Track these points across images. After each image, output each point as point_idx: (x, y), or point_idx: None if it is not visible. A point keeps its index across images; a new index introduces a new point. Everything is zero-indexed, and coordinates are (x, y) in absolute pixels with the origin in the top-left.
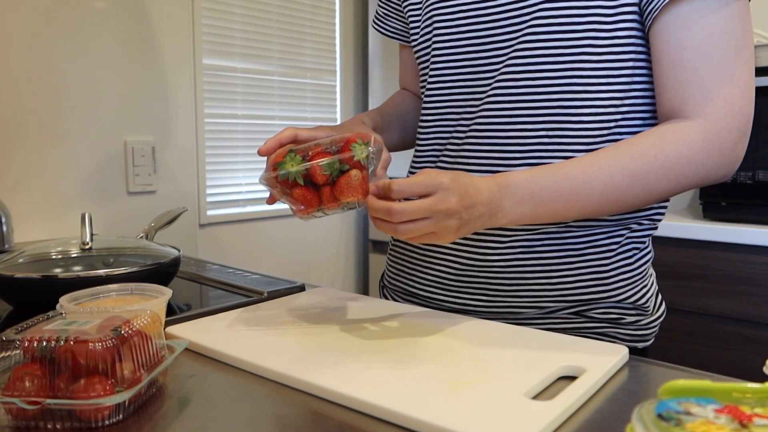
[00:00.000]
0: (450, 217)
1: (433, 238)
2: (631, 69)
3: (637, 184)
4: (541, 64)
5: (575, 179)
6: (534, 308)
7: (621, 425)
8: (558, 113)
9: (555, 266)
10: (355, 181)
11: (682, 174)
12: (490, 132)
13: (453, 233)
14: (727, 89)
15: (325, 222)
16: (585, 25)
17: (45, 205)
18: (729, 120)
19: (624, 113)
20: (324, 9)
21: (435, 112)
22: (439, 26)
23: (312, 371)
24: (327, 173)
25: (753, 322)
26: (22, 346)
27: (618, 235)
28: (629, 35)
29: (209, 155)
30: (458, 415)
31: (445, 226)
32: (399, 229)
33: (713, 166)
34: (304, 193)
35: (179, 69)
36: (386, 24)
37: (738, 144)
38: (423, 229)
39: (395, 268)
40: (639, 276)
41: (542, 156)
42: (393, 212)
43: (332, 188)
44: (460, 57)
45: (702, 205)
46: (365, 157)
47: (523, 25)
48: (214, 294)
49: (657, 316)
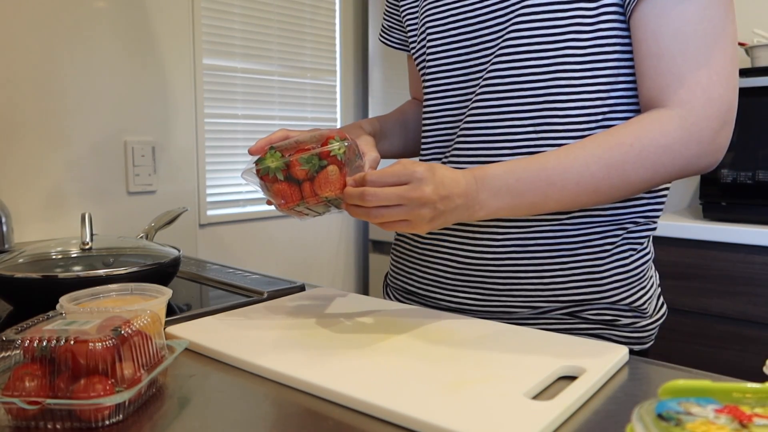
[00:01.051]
0: (424, 206)
1: (407, 227)
2: (615, 62)
3: (613, 174)
4: (526, 60)
5: (551, 170)
6: (527, 308)
7: (621, 425)
8: (545, 108)
9: (548, 266)
10: (333, 176)
11: (660, 163)
12: (479, 129)
13: (427, 223)
14: (704, 77)
15: (325, 222)
16: (568, 20)
17: (45, 205)
18: (708, 108)
19: (611, 105)
20: (324, 9)
21: (434, 114)
22: (432, 31)
23: (312, 371)
24: (306, 168)
25: (753, 322)
26: (22, 346)
27: (614, 235)
28: (612, 27)
29: (209, 155)
30: (458, 415)
31: (419, 214)
32: (372, 213)
33: (693, 156)
34: (284, 187)
35: (179, 69)
36: (391, 36)
37: (719, 133)
38: (396, 215)
39: (397, 267)
40: (636, 277)
41: (529, 150)
42: (365, 195)
43: (312, 183)
44: (451, 60)
45: (702, 205)
46: (342, 153)
47: (506, 24)
48: (214, 294)
49: (655, 319)
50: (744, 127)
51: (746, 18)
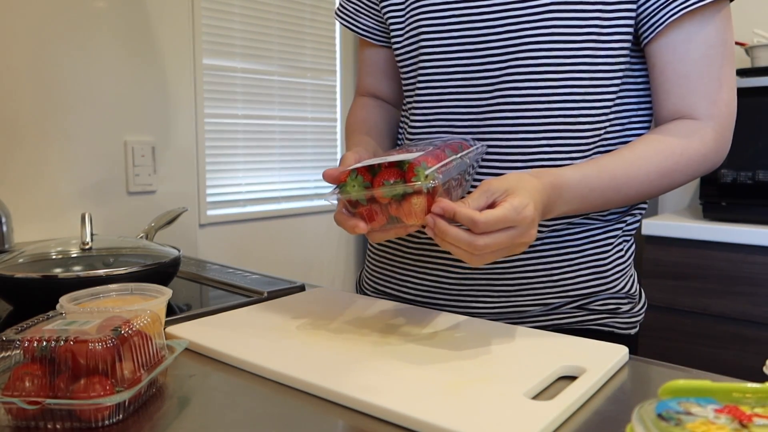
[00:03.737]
0: (524, 245)
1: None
2: (621, 75)
3: (665, 181)
4: (543, 75)
5: (619, 179)
6: (539, 305)
7: (621, 425)
8: (559, 122)
9: (557, 263)
10: (417, 208)
11: (697, 170)
12: (495, 141)
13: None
14: (725, 93)
15: (325, 222)
16: (584, 36)
17: (45, 205)
18: (730, 120)
19: (612, 120)
20: (324, 9)
21: (426, 116)
22: (427, 31)
23: (312, 371)
24: (389, 197)
25: (753, 322)
26: (22, 346)
27: (615, 229)
28: (623, 39)
29: (209, 155)
30: (458, 415)
31: (515, 250)
32: (473, 259)
33: (718, 160)
34: (369, 211)
35: (179, 69)
36: (356, 20)
37: (732, 134)
38: (494, 257)
39: (380, 273)
40: (629, 266)
41: (542, 162)
42: (476, 246)
43: (398, 206)
44: (451, 63)
45: (702, 205)
46: (429, 182)
47: (524, 33)
48: (214, 294)
49: (642, 303)
50: (744, 127)
51: (746, 18)
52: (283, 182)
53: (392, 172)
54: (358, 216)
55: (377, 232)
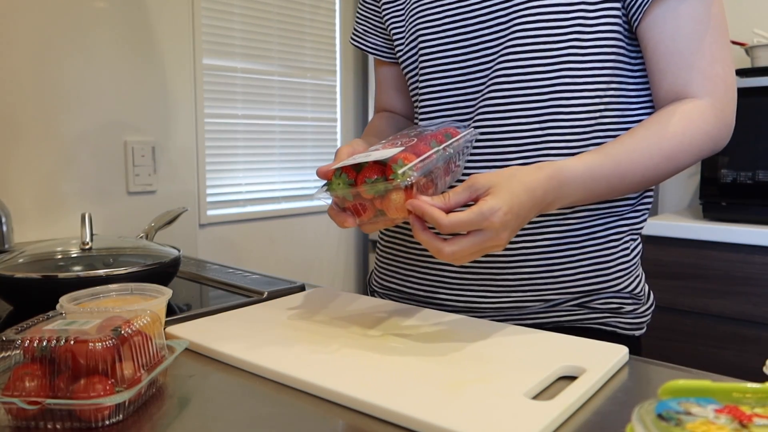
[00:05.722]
0: (499, 246)
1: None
2: (614, 58)
3: (671, 164)
4: (531, 62)
5: (623, 166)
6: (539, 301)
7: (621, 425)
8: (550, 109)
9: (557, 259)
10: (397, 203)
11: (702, 149)
12: (487, 133)
13: (500, 247)
14: (720, 69)
15: (325, 222)
16: (570, 20)
17: (45, 205)
18: (728, 94)
19: (607, 103)
20: (324, 9)
21: (429, 115)
22: (425, 33)
23: (312, 371)
24: (371, 193)
25: (753, 322)
26: (22, 346)
27: (620, 226)
28: (613, 21)
29: (209, 155)
30: (458, 415)
31: (493, 249)
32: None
33: (722, 138)
34: (357, 206)
35: (179, 69)
36: (366, 40)
37: (734, 112)
38: (468, 258)
39: (387, 269)
40: (634, 266)
41: (537, 151)
42: (441, 253)
43: (382, 201)
44: (449, 62)
45: (702, 205)
46: (407, 178)
47: (509, 24)
48: (214, 294)
49: (649, 305)
50: (744, 127)
51: (746, 18)
52: (283, 182)
53: (374, 169)
54: (348, 211)
55: (367, 224)
